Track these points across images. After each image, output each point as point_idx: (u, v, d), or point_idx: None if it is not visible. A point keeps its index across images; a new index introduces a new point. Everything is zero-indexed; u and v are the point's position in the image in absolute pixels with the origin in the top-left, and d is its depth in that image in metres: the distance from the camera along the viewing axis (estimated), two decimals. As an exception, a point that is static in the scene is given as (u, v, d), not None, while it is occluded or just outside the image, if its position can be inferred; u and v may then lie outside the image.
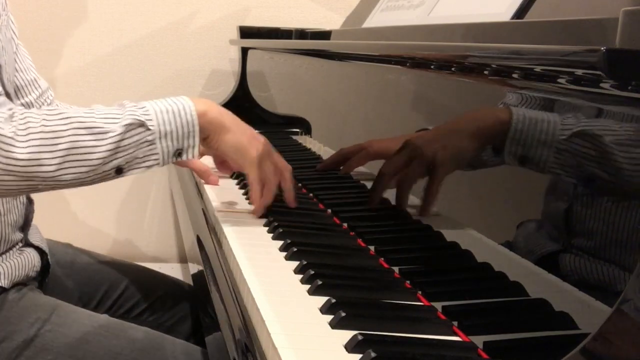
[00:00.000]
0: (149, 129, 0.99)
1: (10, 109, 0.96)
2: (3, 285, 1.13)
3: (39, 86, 1.41)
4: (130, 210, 2.38)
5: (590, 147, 0.69)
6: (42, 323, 1.10)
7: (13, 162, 0.93)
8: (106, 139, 0.97)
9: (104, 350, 1.10)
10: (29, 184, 0.96)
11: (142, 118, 1.00)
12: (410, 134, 1.06)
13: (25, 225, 1.24)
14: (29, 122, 0.95)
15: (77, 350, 1.09)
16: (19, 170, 0.94)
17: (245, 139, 1.07)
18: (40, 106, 1.43)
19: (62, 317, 1.12)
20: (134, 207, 2.38)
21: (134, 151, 0.99)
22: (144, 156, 1.00)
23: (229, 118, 1.08)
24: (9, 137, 0.93)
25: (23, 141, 0.94)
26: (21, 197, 1.21)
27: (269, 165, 1.09)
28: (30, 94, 1.39)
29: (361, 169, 1.27)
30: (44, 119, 0.96)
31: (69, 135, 0.96)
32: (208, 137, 1.06)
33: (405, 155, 1.04)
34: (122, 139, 0.98)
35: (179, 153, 1.02)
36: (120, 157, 0.98)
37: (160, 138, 1.00)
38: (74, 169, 0.97)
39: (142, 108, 1.01)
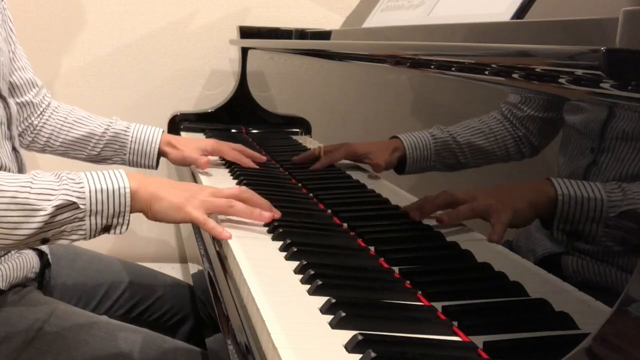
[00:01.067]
0: (79, 207, 0.99)
1: None
2: (1, 288, 1.13)
3: (36, 84, 1.43)
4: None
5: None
6: (41, 324, 1.10)
7: None
8: (36, 216, 0.96)
9: (103, 351, 1.10)
10: None
11: (75, 199, 0.98)
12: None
13: None
14: None
15: (76, 352, 1.09)
16: None
17: (174, 199, 1.05)
18: (38, 106, 1.44)
19: (61, 318, 1.12)
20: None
21: (61, 226, 0.99)
22: (71, 231, 1.00)
23: (161, 186, 1.06)
24: None
25: None
26: None
27: (211, 201, 1.07)
28: (27, 93, 1.41)
29: (360, 168, 1.27)
30: None
31: None
32: (143, 211, 1.06)
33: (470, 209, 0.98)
34: (53, 217, 0.97)
35: (106, 229, 1.02)
36: (48, 231, 0.98)
37: (90, 216, 1.00)
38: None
39: (78, 184, 1.00)
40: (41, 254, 1.27)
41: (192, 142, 1.52)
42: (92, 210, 1.00)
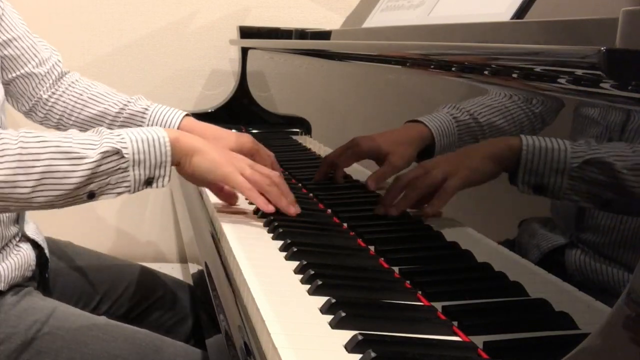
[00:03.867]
0: (123, 157, 1.00)
1: None
2: (0, 288, 1.12)
3: (37, 54, 1.35)
4: (130, 210, 2.38)
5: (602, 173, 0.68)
6: (40, 325, 1.10)
7: None
8: (82, 164, 0.97)
9: (102, 353, 1.09)
10: (1, 204, 0.97)
11: (118, 146, 1.00)
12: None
13: (19, 218, 1.22)
14: (5, 143, 0.95)
15: (76, 353, 1.09)
16: None
17: (217, 156, 1.07)
18: (45, 78, 1.36)
19: (60, 319, 1.12)
20: (134, 207, 2.38)
21: (107, 178, 1.00)
22: (116, 183, 1.01)
23: (201, 141, 1.08)
24: None
25: None
26: None
27: (252, 172, 1.09)
28: (27, 65, 1.33)
29: (360, 168, 1.27)
30: (21, 141, 0.96)
31: (45, 159, 0.96)
32: (180, 162, 1.07)
33: (423, 169, 1.03)
34: (98, 166, 0.98)
35: (149, 182, 1.03)
36: (94, 182, 0.99)
37: (133, 166, 1.01)
38: (48, 192, 0.97)
39: (118, 136, 1.01)
40: (37, 247, 1.25)
41: (220, 138, 1.27)
42: (135, 160, 1.01)
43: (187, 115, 1.34)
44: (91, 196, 1.01)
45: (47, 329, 1.10)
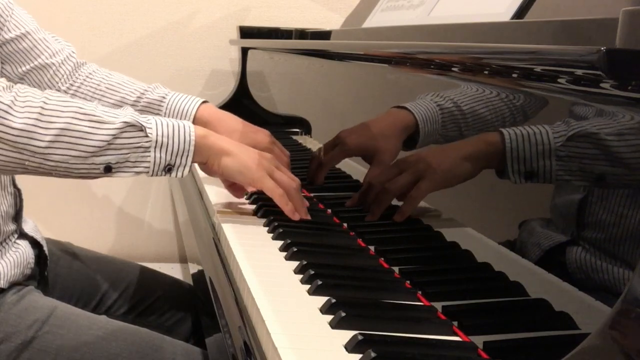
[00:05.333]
0: (147, 135, 1.00)
1: (9, 82, 0.97)
2: (1, 286, 1.12)
3: (50, 45, 1.34)
4: (130, 210, 2.38)
5: (590, 147, 0.69)
6: (40, 325, 1.10)
7: (6, 129, 0.94)
8: (103, 129, 0.98)
9: (102, 352, 1.10)
10: (17, 157, 0.96)
11: (143, 123, 1.00)
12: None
13: (17, 215, 1.23)
14: (29, 96, 0.97)
15: (76, 352, 1.09)
16: (10, 139, 0.95)
17: (247, 159, 1.07)
18: (59, 69, 1.36)
19: (60, 318, 1.12)
20: (134, 207, 2.38)
21: (127, 153, 1.00)
22: (136, 161, 1.01)
23: (230, 142, 1.08)
24: (6, 105, 0.95)
25: (19, 111, 0.95)
26: (8, 187, 1.20)
27: (280, 174, 1.09)
28: (40, 55, 1.32)
29: (361, 167, 1.27)
30: (45, 97, 0.98)
31: (66, 117, 0.97)
32: (207, 161, 1.07)
33: (397, 169, 1.04)
34: (119, 135, 0.98)
35: (169, 168, 1.03)
36: (113, 154, 0.99)
37: (155, 147, 1.01)
38: (65, 151, 0.97)
39: (144, 117, 1.02)
40: (37, 246, 1.26)
41: (235, 132, 1.27)
42: (158, 142, 1.00)
43: (204, 102, 1.33)
44: (108, 169, 0.99)
45: (48, 327, 1.10)
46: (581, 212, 0.72)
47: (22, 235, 1.23)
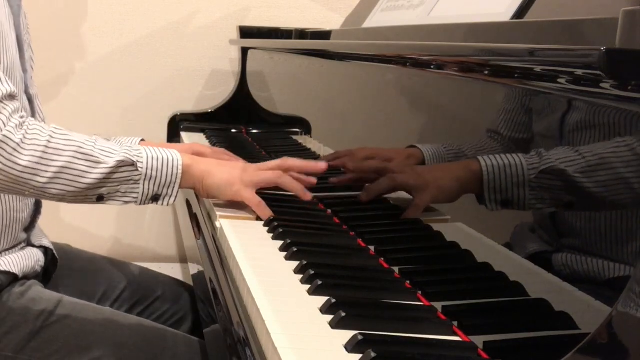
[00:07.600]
0: (137, 169, 1.07)
1: (21, 117, 1.02)
2: (16, 273, 1.16)
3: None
4: (130, 210, 2.38)
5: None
6: (48, 315, 1.13)
7: (13, 165, 1.00)
8: (99, 168, 1.05)
9: (109, 340, 1.12)
10: (17, 188, 1.03)
11: (135, 159, 1.07)
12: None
13: (30, 226, 1.26)
14: (36, 133, 1.02)
15: (83, 341, 1.11)
16: (15, 174, 1.01)
17: (226, 175, 1.13)
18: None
19: (67, 308, 1.15)
20: (134, 207, 2.38)
21: (118, 185, 1.07)
22: (125, 192, 1.08)
23: (210, 163, 1.15)
24: (16, 143, 1.00)
25: (26, 149, 1.01)
26: (32, 199, 1.24)
27: (261, 173, 1.14)
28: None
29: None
30: (50, 135, 1.03)
31: (67, 156, 1.03)
32: (195, 187, 1.14)
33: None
34: (113, 172, 1.06)
35: (156, 198, 1.11)
36: (106, 187, 1.07)
37: (144, 180, 1.08)
38: (62, 187, 1.04)
39: (137, 150, 1.08)
40: (45, 252, 1.29)
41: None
42: (147, 175, 1.08)
43: (142, 140, 1.37)
44: (100, 199, 1.07)
45: (55, 318, 1.13)
46: (572, 216, 0.74)
47: (30, 244, 1.27)
